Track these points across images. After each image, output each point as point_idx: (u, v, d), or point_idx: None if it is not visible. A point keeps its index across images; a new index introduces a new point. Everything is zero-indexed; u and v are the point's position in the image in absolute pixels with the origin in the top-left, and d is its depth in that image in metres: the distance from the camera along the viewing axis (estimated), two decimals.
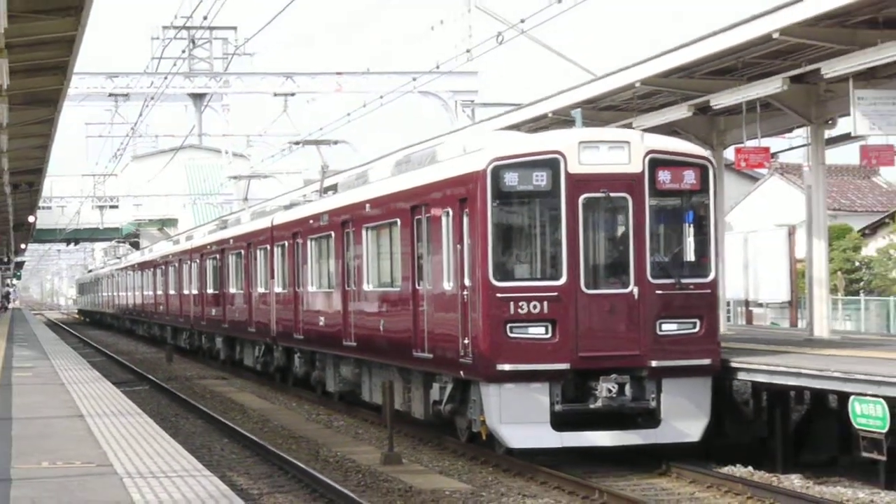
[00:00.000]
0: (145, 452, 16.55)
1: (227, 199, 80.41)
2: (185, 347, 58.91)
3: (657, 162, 21.11)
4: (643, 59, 27.79)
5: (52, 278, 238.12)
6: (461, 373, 21.84)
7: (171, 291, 60.45)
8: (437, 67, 46.51)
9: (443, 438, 25.57)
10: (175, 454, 16.48)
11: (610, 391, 20.26)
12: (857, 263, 59.35)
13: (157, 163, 75.18)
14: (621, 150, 20.92)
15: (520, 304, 20.45)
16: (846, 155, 49.36)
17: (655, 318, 20.93)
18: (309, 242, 33.58)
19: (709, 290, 21.71)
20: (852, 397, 19.23)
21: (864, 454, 19.17)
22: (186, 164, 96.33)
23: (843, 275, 55.43)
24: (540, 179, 20.57)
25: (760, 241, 38.99)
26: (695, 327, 21.22)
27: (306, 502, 19.76)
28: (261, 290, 39.72)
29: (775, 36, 23.34)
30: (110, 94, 50.96)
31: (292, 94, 51.31)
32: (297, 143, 46.53)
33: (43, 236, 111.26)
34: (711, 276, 21.81)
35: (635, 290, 20.81)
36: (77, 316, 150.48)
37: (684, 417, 21.10)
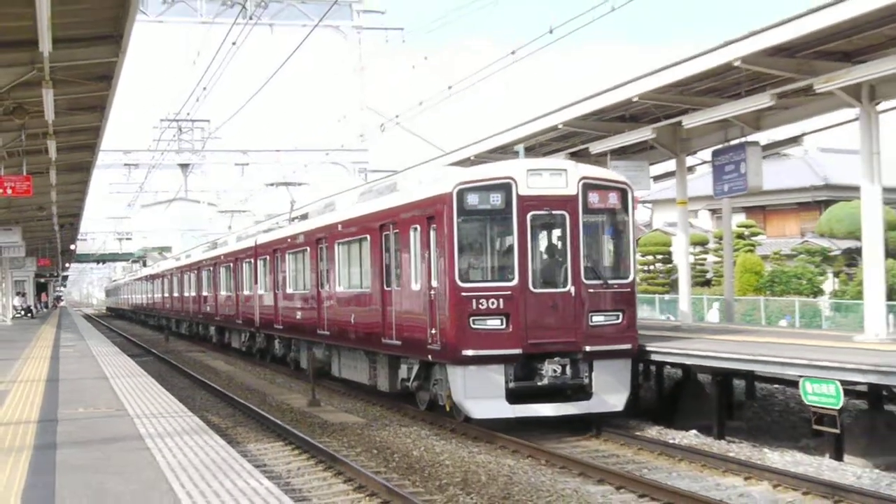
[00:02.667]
0: (148, 401, 16.34)
1: (204, 234, 79.50)
2: (185, 334, 56.14)
3: (588, 186, 18.29)
4: (475, 140, 27.93)
5: (87, 286, 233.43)
6: (429, 357, 18.84)
7: (175, 294, 57.36)
8: (342, 146, 46.67)
9: (347, 390, 25.46)
10: (169, 402, 16.28)
11: (555, 371, 17.64)
12: None
13: (158, 209, 74.11)
14: (560, 177, 18.17)
15: (480, 301, 17.59)
16: None
17: (588, 312, 18.09)
18: (287, 256, 30.09)
19: (629, 289, 18.70)
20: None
21: None
22: (177, 211, 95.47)
23: None
24: (496, 200, 17.84)
25: None
26: (618, 319, 18.39)
27: (258, 432, 19.55)
28: (247, 292, 36.33)
29: (560, 126, 23.62)
30: (125, 164, 50.18)
31: (246, 164, 50.83)
32: (272, 184, 44.79)
33: (80, 258, 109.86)
34: (630, 277, 18.77)
35: (572, 290, 18.00)
36: (105, 311, 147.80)
37: (611, 392, 18.17)
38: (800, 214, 60.14)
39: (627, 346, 18.39)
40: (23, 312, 69.81)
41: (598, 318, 18.17)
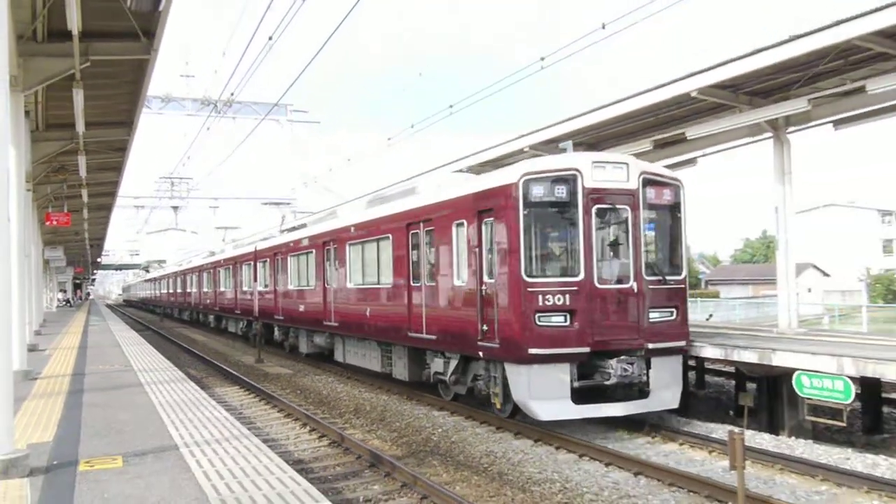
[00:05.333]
0: (147, 360, 15.68)
1: (186, 252, 76.82)
2: (186, 319, 49.02)
3: (647, 181, 11.84)
4: (403, 182, 27.17)
5: (109, 285, 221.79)
6: (479, 353, 11.99)
7: (179, 290, 50.66)
8: (280, 196, 45.79)
9: (281, 353, 24.73)
10: (161, 361, 15.65)
11: (625, 370, 11.33)
12: None
13: (157, 236, 71.41)
14: (621, 170, 11.71)
15: (546, 297, 11.07)
16: None
17: (647, 309, 11.67)
18: (289, 258, 22.43)
19: (682, 286, 12.15)
20: None
21: None
22: (171, 236, 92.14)
23: None
24: (560, 192, 11.30)
25: None
26: (673, 315, 11.91)
27: (221, 379, 18.93)
28: (246, 288, 28.63)
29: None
30: (135, 206, 48.14)
31: (217, 207, 49.26)
32: (265, 202, 42.00)
33: (104, 267, 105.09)
34: (684, 273, 12.21)
35: (634, 286, 11.53)
36: (122, 303, 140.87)
37: (667, 389, 11.74)
38: None
39: (682, 343, 12.05)
40: (64, 303, 68.34)
41: (654, 315, 11.85)
